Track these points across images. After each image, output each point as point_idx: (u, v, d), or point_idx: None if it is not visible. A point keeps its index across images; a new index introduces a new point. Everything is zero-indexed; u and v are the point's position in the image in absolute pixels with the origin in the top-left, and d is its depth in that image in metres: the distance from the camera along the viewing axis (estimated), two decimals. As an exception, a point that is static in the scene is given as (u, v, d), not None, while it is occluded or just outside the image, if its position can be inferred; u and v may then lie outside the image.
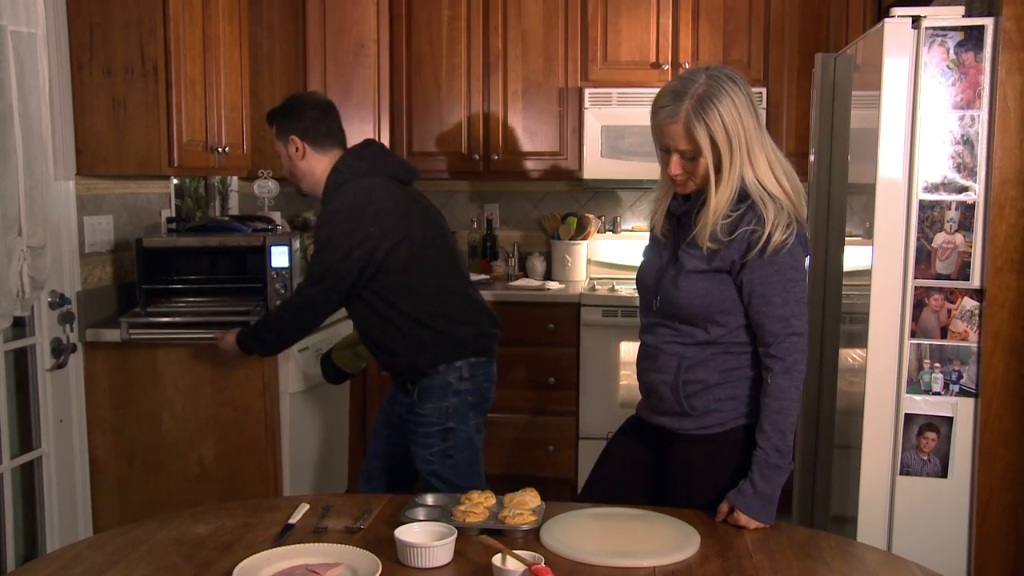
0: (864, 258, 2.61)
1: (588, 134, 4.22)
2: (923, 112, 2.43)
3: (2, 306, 2.59)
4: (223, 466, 3.13)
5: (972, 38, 2.39)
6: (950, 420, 2.48)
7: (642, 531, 1.85)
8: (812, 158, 3.03)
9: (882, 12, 3.93)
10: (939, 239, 2.45)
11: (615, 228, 4.68)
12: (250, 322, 2.90)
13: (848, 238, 2.87)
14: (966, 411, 2.48)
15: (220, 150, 3.36)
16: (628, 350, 4.01)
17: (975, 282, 2.45)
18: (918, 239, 2.46)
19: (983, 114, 2.40)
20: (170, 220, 3.58)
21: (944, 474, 2.50)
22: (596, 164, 4.24)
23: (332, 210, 2.64)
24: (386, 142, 4.31)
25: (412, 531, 1.74)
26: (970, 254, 2.44)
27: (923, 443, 2.50)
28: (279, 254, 3.20)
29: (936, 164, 2.44)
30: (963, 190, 2.43)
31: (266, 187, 3.72)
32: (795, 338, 1.92)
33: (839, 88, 2.89)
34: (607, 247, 4.66)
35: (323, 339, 3.32)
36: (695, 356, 1.99)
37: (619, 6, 4.24)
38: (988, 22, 2.38)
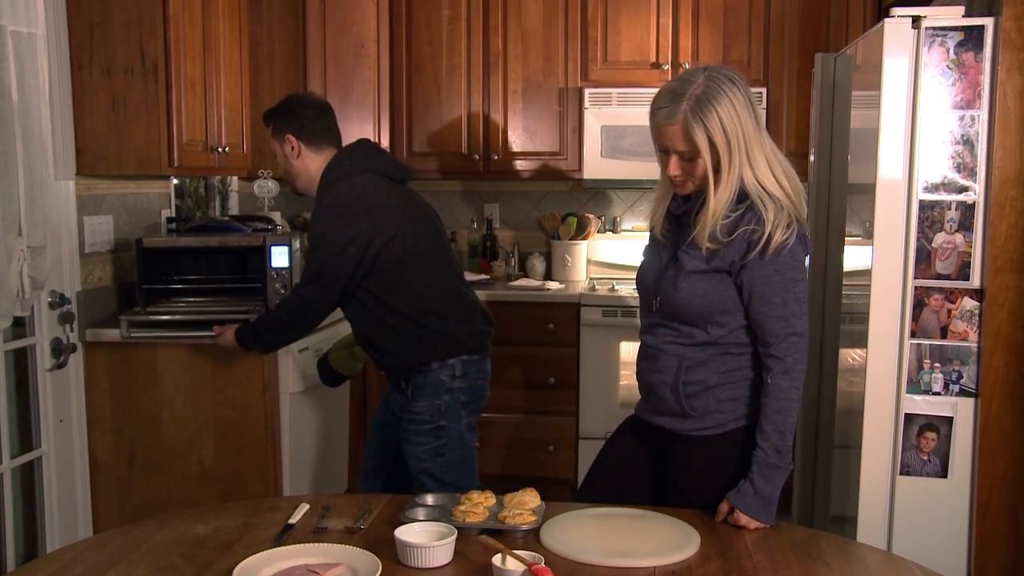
0: (864, 258, 2.61)
1: (588, 134, 4.22)
2: (923, 112, 2.43)
3: (2, 306, 2.59)
4: (223, 466, 3.13)
5: (972, 38, 2.39)
6: (950, 420, 2.48)
7: (642, 531, 1.85)
8: (812, 158, 3.03)
9: (882, 12, 3.93)
10: (939, 239, 2.45)
11: (615, 228, 4.68)
12: (250, 319, 2.90)
13: (848, 238, 2.87)
14: (966, 411, 2.48)
15: (220, 150, 3.36)
16: (628, 350, 4.01)
17: (975, 282, 2.45)
18: (918, 239, 2.46)
19: (983, 114, 2.40)
20: (170, 220, 3.58)
21: (944, 474, 2.50)
22: (596, 164, 4.24)
23: (325, 207, 2.65)
24: (386, 142, 4.31)
25: (412, 531, 1.74)
26: (970, 254, 2.44)
27: (923, 443, 2.50)
28: (279, 254, 3.21)
29: (936, 164, 2.44)
30: (963, 190, 2.43)
31: (266, 187, 3.72)
32: (795, 338, 1.92)
33: (839, 88, 2.89)
34: (607, 247, 4.66)
35: (323, 339, 3.32)
36: (695, 357, 1.99)
37: (619, 6, 4.24)
38: (988, 22, 2.38)
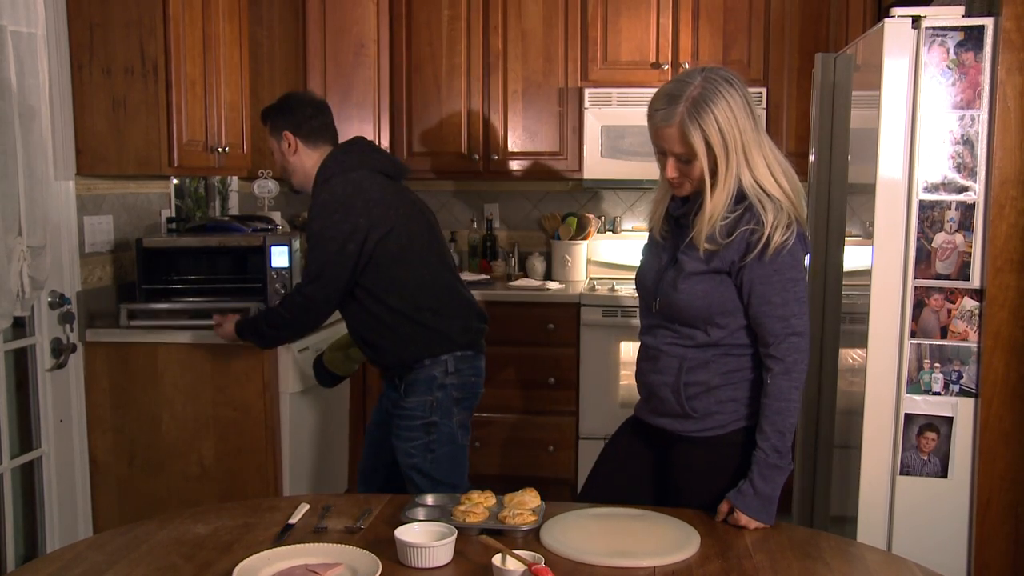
0: (864, 258, 2.61)
1: (588, 134, 4.22)
2: (923, 112, 2.43)
3: (2, 306, 2.59)
4: (223, 466, 3.13)
5: (972, 38, 2.39)
6: (950, 420, 2.48)
7: (642, 531, 1.85)
8: (812, 158, 3.02)
9: (882, 12, 3.93)
10: (939, 239, 2.45)
11: (615, 228, 4.68)
12: (251, 310, 2.91)
13: (848, 238, 2.87)
14: (966, 411, 2.48)
15: (220, 150, 3.36)
16: (628, 350, 4.01)
17: (975, 282, 2.45)
18: (918, 239, 2.46)
19: (983, 114, 2.40)
20: (170, 220, 3.58)
21: (944, 474, 2.50)
22: (596, 164, 4.24)
23: (322, 203, 2.67)
24: (386, 142, 4.31)
25: (412, 531, 1.74)
26: (970, 254, 2.44)
27: (923, 443, 2.50)
28: (279, 254, 3.21)
29: (936, 164, 2.44)
30: (963, 190, 2.43)
31: (266, 187, 3.73)
32: (795, 338, 1.92)
33: (839, 88, 2.89)
34: (607, 247, 4.66)
35: (323, 339, 3.32)
36: (696, 358, 1.98)
37: (619, 6, 4.24)
38: (988, 22, 2.38)
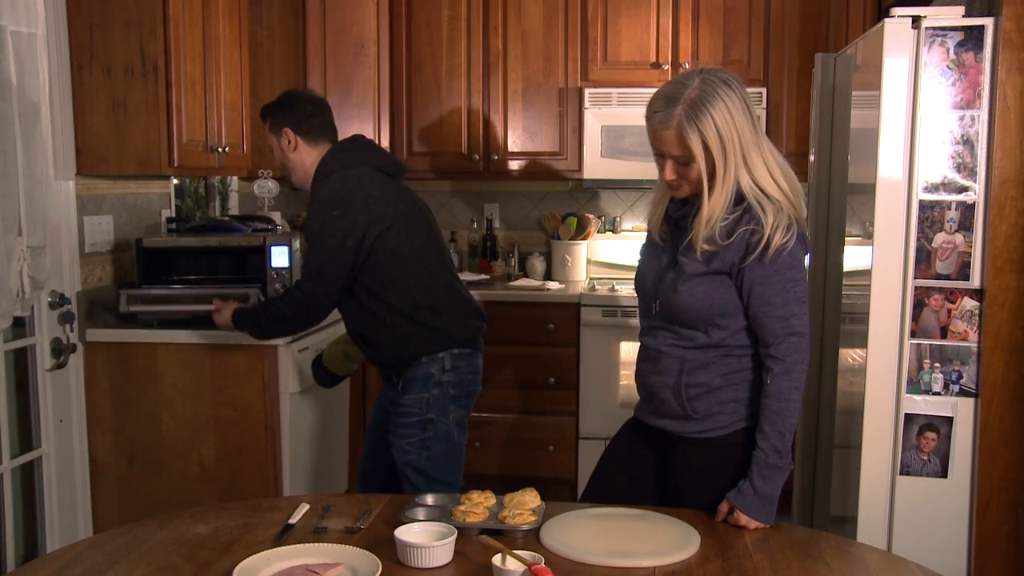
0: (864, 258, 2.61)
1: (588, 134, 4.22)
2: (923, 112, 2.43)
3: (2, 306, 2.59)
4: (223, 466, 3.13)
5: (972, 38, 2.39)
6: (950, 420, 2.48)
7: (642, 531, 1.85)
8: (812, 158, 3.02)
9: (882, 12, 3.93)
10: (939, 239, 2.45)
11: (615, 228, 4.68)
12: (251, 297, 2.91)
13: (848, 238, 2.87)
14: (966, 411, 2.47)
15: (220, 150, 3.36)
16: (628, 350, 4.01)
17: (975, 282, 2.44)
18: (918, 239, 2.46)
19: (983, 114, 2.40)
20: (170, 220, 3.58)
21: (944, 474, 2.50)
22: (596, 164, 4.24)
23: (321, 199, 2.67)
24: (386, 142, 4.31)
25: (412, 531, 1.74)
26: (970, 254, 2.44)
27: (923, 443, 2.50)
28: (279, 254, 3.21)
29: (936, 164, 2.44)
30: (963, 190, 2.43)
31: (266, 187, 3.73)
32: (795, 338, 1.92)
33: (839, 88, 2.89)
34: (607, 247, 4.66)
35: (324, 339, 3.32)
36: (697, 359, 1.98)
37: (619, 6, 4.24)
38: (988, 22, 2.38)
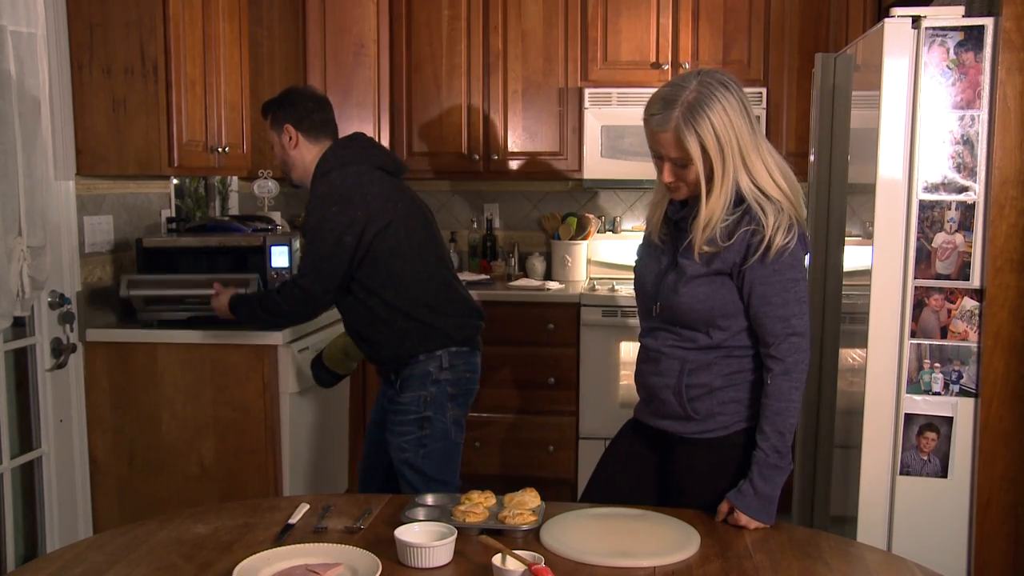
0: (864, 258, 2.61)
1: (588, 134, 4.22)
2: (923, 112, 2.43)
3: (2, 306, 2.59)
4: (223, 466, 3.13)
5: (972, 38, 2.39)
6: (950, 420, 2.48)
7: (642, 531, 1.85)
8: (812, 158, 3.02)
9: (882, 12, 3.93)
10: (939, 239, 2.45)
11: (615, 228, 4.68)
12: (250, 283, 2.93)
13: (848, 238, 2.87)
14: (966, 411, 2.47)
15: (220, 150, 3.36)
16: (628, 350, 4.01)
17: (975, 282, 2.44)
18: (918, 239, 2.46)
19: (983, 114, 2.40)
20: (170, 220, 3.58)
21: (944, 474, 2.50)
22: (596, 164, 4.24)
23: (321, 196, 2.68)
24: (386, 142, 4.31)
25: (412, 531, 1.74)
26: (970, 254, 2.44)
27: (923, 443, 2.50)
28: (279, 254, 3.21)
29: (936, 164, 2.43)
30: (963, 190, 2.43)
31: (266, 187, 3.73)
32: (795, 339, 1.91)
33: (839, 88, 2.89)
34: (607, 247, 4.65)
35: (324, 339, 3.32)
36: (698, 360, 1.98)
37: (619, 6, 4.24)
38: (988, 22, 2.38)
